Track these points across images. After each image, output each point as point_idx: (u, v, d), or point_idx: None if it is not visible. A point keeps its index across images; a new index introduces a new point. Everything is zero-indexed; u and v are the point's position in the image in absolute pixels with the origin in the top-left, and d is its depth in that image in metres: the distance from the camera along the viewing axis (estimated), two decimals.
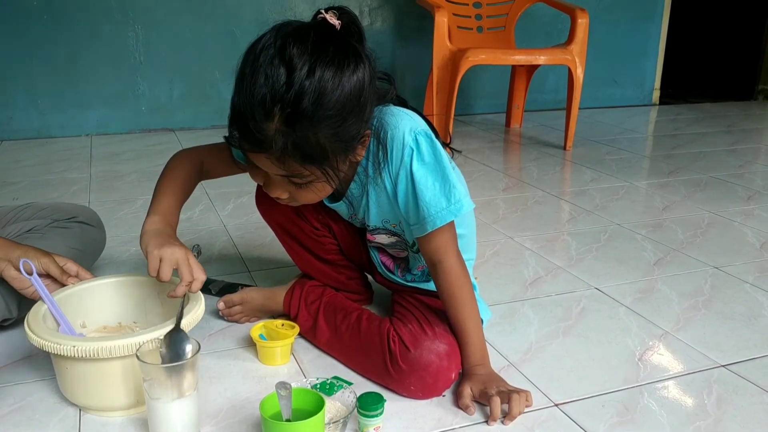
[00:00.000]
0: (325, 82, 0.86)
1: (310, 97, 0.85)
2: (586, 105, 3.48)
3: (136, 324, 1.15)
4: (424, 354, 1.01)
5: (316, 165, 0.92)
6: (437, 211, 1.00)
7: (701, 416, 1.01)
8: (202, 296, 1.06)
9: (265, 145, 0.88)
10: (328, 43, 0.88)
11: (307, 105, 0.85)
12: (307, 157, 0.90)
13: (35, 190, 2.19)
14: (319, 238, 1.21)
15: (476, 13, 3.07)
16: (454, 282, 1.04)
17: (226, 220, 1.88)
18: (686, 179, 2.37)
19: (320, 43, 0.87)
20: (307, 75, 0.85)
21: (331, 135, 0.90)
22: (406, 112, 1.04)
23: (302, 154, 0.89)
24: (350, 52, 0.90)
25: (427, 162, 1.00)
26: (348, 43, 0.91)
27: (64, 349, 0.91)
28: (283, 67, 0.85)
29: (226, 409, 1.01)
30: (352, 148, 0.95)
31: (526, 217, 1.96)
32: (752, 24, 4.36)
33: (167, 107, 3.11)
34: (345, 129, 0.91)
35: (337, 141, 0.91)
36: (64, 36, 2.88)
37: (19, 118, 2.93)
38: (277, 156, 0.90)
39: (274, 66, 0.85)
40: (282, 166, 0.92)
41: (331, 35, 0.90)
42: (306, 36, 0.87)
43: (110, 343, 0.91)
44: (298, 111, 0.86)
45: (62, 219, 1.35)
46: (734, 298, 1.42)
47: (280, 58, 0.85)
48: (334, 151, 0.92)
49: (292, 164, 0.91)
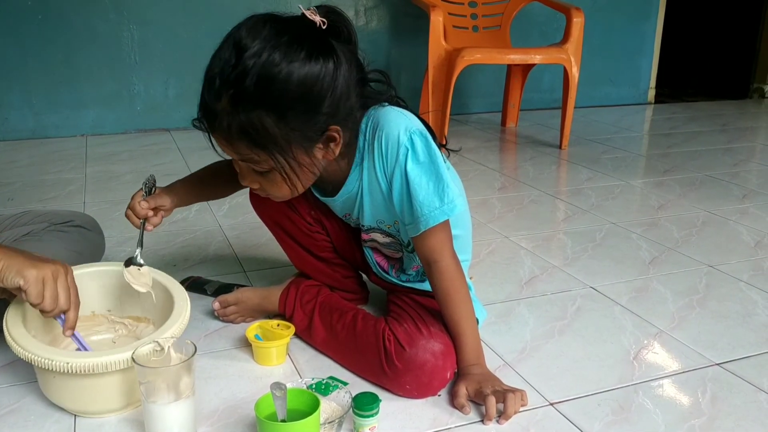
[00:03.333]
0: (270, 66, 0.89)
1: (252, 77, 0.89)
2: (581, 104, 3.49)
3: (110, 312, 1.15)
4: (419, 353, 1.01)
5: (265, 151, 0.94)
6: (430, 211, 1.00)
7: (696, 414, 1.01)
8: (187, 305, 1.05)
9: (214, 124, 0.93)
10: (291, 33, 0.90)
11: (249, 85, 0.89)
12: (252, 141, 0.93)
13: (30, 191, 2.18)
14: (312, 234, 1.21)
15: (471, 13, 3.07)
16: (449, 282, 1.05)
17: (222, 221, 1.88)
18: (681, 178, 2.37)
19: (277, 31, 0.90)
20: (251, 56, 0.89)
21: (277, 120, 0.91)
22: (402, 111, 1.04)
23: (247, 137, 0.93)
24: (318, 45, 0.91)
25: (421, 161, 1.01)
26: (322, 38, 0.93)
27: (56, 365, 0.90)
28: (234, 49, 0.90)
29: (221, 410, 1.01)
30: (310, 140, 0.96)
31: (521, 216, 1.96)
32: (747, 23, 4.37)
33: (163, 107, 3.11)
34: (294, 117, 0.92)
35: (288, 129, 0.93)
36: (59, 36, 2.88)
37: (13, 119, 2.92)
38: (225, 136, 0.94)
39: (228, 48, 0.91)
40: (232, 148, 0.96)
41: (301, 28, 0.92)
42: (266, 24, 0.91)
43: (106, 359, 0.91)
44: (241, 91, 0.89)
45: (59, 223, 1.35)
46: (729, 297, 1.42)
47: (235, 41, 0.90)
48: (287, 140, 0.93)
49: (241, 147, 0.94)
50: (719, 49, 4.71)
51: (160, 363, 0.91)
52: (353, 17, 3.29)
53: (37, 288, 0.91)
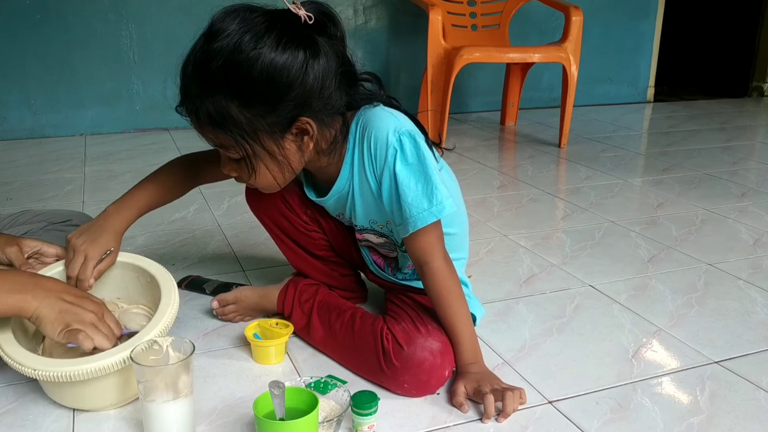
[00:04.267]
0: (236, 51, 0.90)
1: (218, 60, 0.90)
2: (580, 103, 3.49)
3: (120, 299, 1.16)
4: (417, 351, 1.01)
5: (230, 136, 0.95)
6: (419, 212, 1.00)
7: (694, 412, 1.01)
8: (175, 297, 1.06)
9: (185, 105, 0.96)
10: (264, 21, 0.91)
11: (214, 68, 0.91)
12: (218, 126, 0.95)
13: (29, 190, 2.18)
14: (309, 232, 1.21)
15: (470, 11, 3.07)
16: (441, 283, 1.04)
17: (221, 220, 1.88)
18: (680, 176, 2.37)
19: (253, 19, 0.92)
20: (221, 40, 0.90)
21: (240, 106, 0.93)
22: (392, 112, 1.04)
23: (212, 121, 0.94)
24: (292, 36, 0.92)
25: (410, 163, 1.00)
26: (301, 31, 0.93)
27: (55, 376, 0.91)
28: (207, 34, 0.92)
29: (220, 409, 1.01)
30: (277, 129, 0.96)
31: (520, 214, 1.96)
32: (746, 21, 4.37)
33: (161, 106, 3.10)
34: (258, 104, 0.93)
35: (251, 115, 0.94)
36: (58, 35, 2.87)
37: (12, 118, 2.92)
38: (195, 120, 0.96)
39: (204, 34, 0.93)
40: (202, 132, 0.98)
41: (279, 19, 0.92)
42: (244, 11, 0.93)
43: (101, 364, 0.91)
44: (207, 74, 0.91)
45: (58, 222, 1.35)
46: (727, 295, 1.42)
47: (209, 27, 0.93)
48: (252, 127, 0.94)
49: (209, 130, 0.96)
50: (718, 48, 4.71)
51: (159, 362, 0.91)
52: (352, 16, 3.29)
53: None
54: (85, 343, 0.92)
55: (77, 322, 0.93)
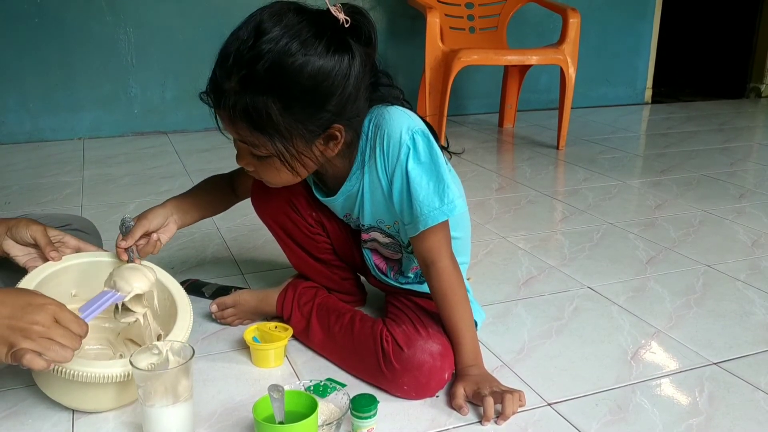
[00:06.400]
0: (285, 54, 0.89)
1: (265, 62, 0.89)
2: (578, 104, 3.49)
3: (75, 296, 1.14)
4: (417, 353, 1.01)
5: (265, 136, 0.94)
6: (430, 211, 1.00)
7: (693, 414, 1.01)
8: (190, 310, 1.05)
9: (221, 100, 0.93)
10: (313, 25, 0.91)
11: (260, 69, 0.89)
12: (255, 124, 0.93)
13: (27, 194, 2.18)
14: (313, 235, 1.21)
15: (468, 14, 3.08)
16: (446, 283, 1.05)
17: (220, 224, 1.87)
18: (678, 178, 2.38)
19: (299, 21, 0.90)
20: (269, 41, 0.89)
21: (282, 109, 0.92)
22: (405, 111, 1.04)
23: (250, 120, 0.93)
24: (336, 42, 0.92)
25: (423, 161, 1.01)
26: (341, 36, 0.92)
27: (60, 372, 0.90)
28: (254, 31, 0.90)
29: (219, 412, 1.01)
30: (311, 133, 0.96)
31: (519, 216, 1.97)
32: (743, 22, 4.38)
33: (160, 109, 3.11)
34: (300, 109, 0.92)
35: (291, 119, 0.93)
36: (55, 39, 2.87)
37: (10, 122, 2.91)
38: (228, 115, 0.94)
39: (248, 29, 0.91)
40: (233, 128, 0.96)
41: (323, 22, 0.92)
42: (289, 11, 0.91)
43: (106, 371, 0.91)
44: (252, 73, 0.90)
45: (56, 226, 1.35)
46: (726, 296, 1.42)
47: (256, 24, 0.90)
48: (289, 130, 0.94)
49: (242, 128, 0.94)
50: (716, 49, 4.72)
51: (158, 366, 0.91)
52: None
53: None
54: (33, 363, 0.80)
55: (22, 339, 0.80)
